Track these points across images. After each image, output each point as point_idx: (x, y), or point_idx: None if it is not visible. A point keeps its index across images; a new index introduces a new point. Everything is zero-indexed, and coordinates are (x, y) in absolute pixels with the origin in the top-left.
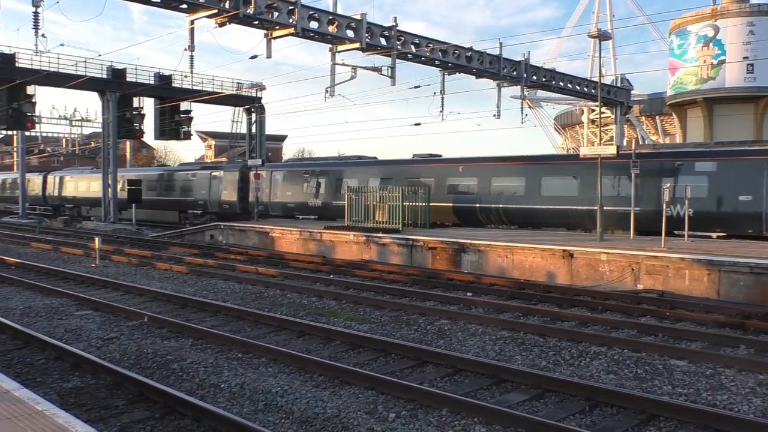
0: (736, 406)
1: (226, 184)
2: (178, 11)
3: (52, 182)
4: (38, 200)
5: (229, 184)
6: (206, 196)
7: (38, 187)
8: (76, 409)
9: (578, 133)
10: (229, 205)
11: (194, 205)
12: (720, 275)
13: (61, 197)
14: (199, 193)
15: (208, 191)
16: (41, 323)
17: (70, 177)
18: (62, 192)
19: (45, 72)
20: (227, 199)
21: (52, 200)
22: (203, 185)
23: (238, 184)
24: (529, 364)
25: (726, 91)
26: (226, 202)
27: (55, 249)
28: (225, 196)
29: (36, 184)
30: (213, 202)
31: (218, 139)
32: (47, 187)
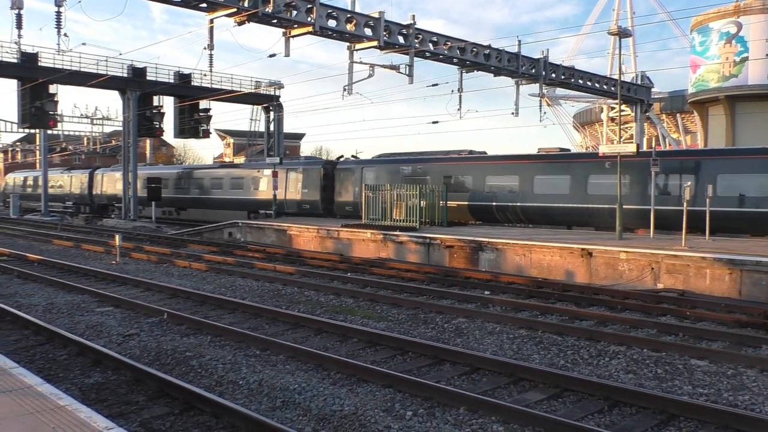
0: (758, 407)
1: (306, 183)
2: (198, 10)
3: (99, 180)
4: (83, 199)
5: (311, 182)
6: (282, 195)
7: (82, 186)
8: (97, 404)
9: (597, 131)
10: (309, 205)
11: (266, 204)
12: (742, 274)
13: (110, 196)
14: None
15: (285, 190)
16: (63, 319)
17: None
18: (112, 190)
19: (67, 71)
20: (307, 198)
21: (99, 199)
22: (277, 183)
23: (321, 182)
24: (548, 363)
25: (748, 89)
26: (306, 201)
27: (77, 246)
28: (305, 195)
29: (81, 182)
30: (290, 202)
31: (237, 137)
32: (94, 185)
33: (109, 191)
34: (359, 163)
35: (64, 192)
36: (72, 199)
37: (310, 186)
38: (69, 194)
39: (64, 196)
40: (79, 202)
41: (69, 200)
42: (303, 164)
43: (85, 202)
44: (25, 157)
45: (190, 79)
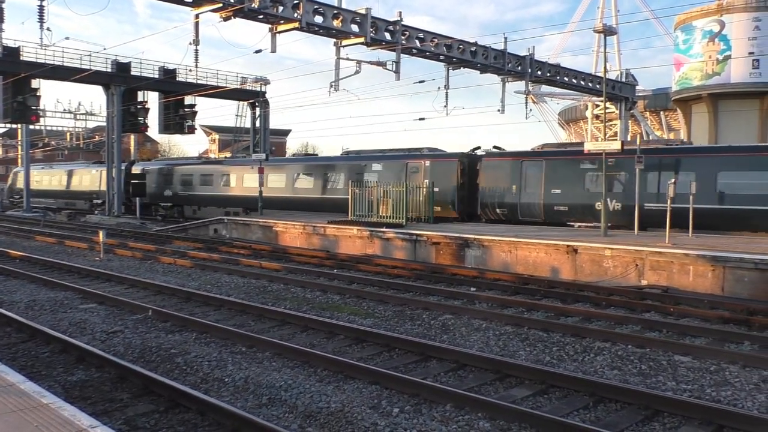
0: (740, 402)
1: (436, 179)
2: (184, 5)
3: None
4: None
5: (443, 178)
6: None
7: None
8: (80, 402)
9: (582, 128)
10: (441, 207)
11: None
12: (725, 271)
13: (153, 194)
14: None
15: (422, 185)
16: (46, 316)
17: (162, 167)
18: (157, 187)
19: (50, 65)
20: (438, 199)
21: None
22: (393, 179)
23: (459, 178)
24: (533, 359)
25: (731, 87)
26: (436, 200)
27: (60, 243)
28: (434, 194)
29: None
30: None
31: (222, 134)
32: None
33: (152, 188)
34: (518, 155)
35: (91, 188)
36: (102, 196)
37: (442, 183)
38: (97, 191)
39: (91, 194)
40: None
41: (97, 198)
42: (429, 156)
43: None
44: (6, 152)
45: (175, 75)
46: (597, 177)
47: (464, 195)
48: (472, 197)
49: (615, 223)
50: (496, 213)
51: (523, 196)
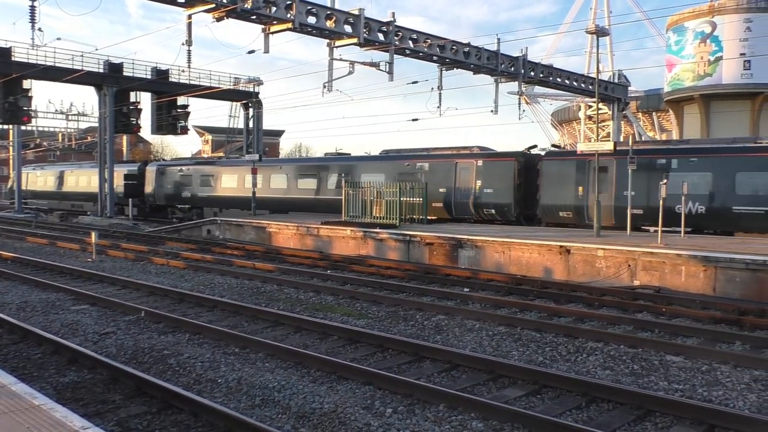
0: (732, 402)
1: (489, 179)
2: (176, 6)
3: (154, 175)
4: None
5: (498, 178)
6: (448, 195)
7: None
8: (72, 403)
9: (575, 129)
10: (495, 209)
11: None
12: (716, 271)
13: (171, 195)
14: (437, 190)
15: (453, 187)
16: (38, 318)
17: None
18: (175, 188)
19: (42, 66)
20: (492, 200)
21: (158, 199)
22: (441, 179)
23: (515, 179)
24: (526, 359)
25: (723, 88)
26: (489, 204)
27: (51, 243)
28: (488, 197)
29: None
30: (461, 204)
31: (215, 134)
32: (147, 183)
33: (168, 189)
34: (585, 153)
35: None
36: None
37: (496, 184)
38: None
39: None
40: (121, 203)
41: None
42: (482, 155)
43: (133, 201)
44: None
45: (167, 75)
46: (680, 177)
47: (521, 197)
48: (530, 199)
49: (698, 228)
50: (560, 216)
51: (591, 197)
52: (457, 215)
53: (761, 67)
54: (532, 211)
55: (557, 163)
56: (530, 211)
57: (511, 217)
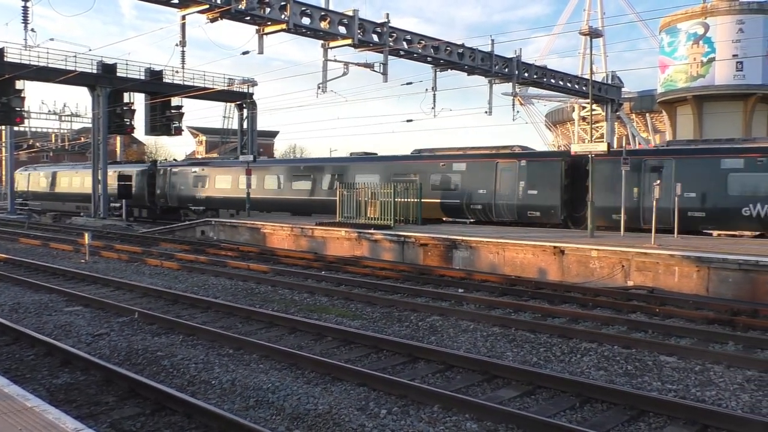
0: (725, 402)
1: (534, 180)
2: (170, 6)
3: (167, 176)
4: (138, 199)
5: (543, 179)
6: (488, 197)
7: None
8: (65, 405)
9: (569, 130)
10: (540, 211)
11: (462, 209)
12: (709, 272)
13: (184, 197)
14: (477, 192)
15: (494, 189)
16: (30, 319)
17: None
18: (188, 189)
19: (35, 67)
20: (537, 203)
21: (170, 200)
22: (479, 180)
23: (562, 180)
24: (521, 360)
25: (715, 89)
26: (533, 206)
27: (44, 245)
28: (532, 198)
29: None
30: (502, 206)
31: (209, 135)
32: (158, 183)
33: (181, 190)
34: (640, 153)
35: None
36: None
37: (541, 185)
38: None
39: None
40: (131, 205)
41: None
42: (526, 155)
43: (142, 203)
44: None
45: (161, 76)
46: (744, 179)
47: (569, 199)
48: (578, 202)
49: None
50: (612, 219)
51: (647, 199)
52: (498, 218)
53: (753, 68)
54: (580, 214)
55: (609, 162)
56: (578, 213)
57: (557, 220)
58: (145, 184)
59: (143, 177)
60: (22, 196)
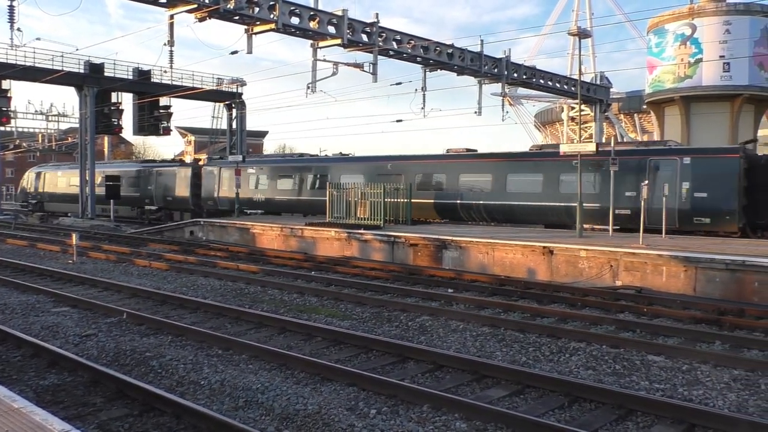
0: (712, 401)
1: (696, 180)
2: (158, 6)
3: (216, 176)
4: (181, 202)
5: (709, 179)
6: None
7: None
8: (53, 406)
9: (558, 130)
10: (711, 216)
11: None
12: (696, 272)
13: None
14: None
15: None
16: (17, 320)
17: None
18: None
19: (21, 66)
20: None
21: (219, 202)
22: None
23: (740, 179)
24: (510, 359)
25: (703, 90)
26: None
27: (31, 245)
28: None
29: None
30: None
31: (198, 135)
32: (205, 184)
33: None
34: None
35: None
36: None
37: (710, 187)
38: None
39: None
40: (171, 206)
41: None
42: (691, 151)
43: (185, 206)
44: None
45: (149, 76)
46: None
47: (748, 202)
48: (761, 205)
49: None
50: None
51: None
52: (651, 224)
53: (740, 69)
54: (764, 221)
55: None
56: (762, 220)
57: (733, 228)
58: (188, 184)
59: (185, 177)
60: (34, 198)
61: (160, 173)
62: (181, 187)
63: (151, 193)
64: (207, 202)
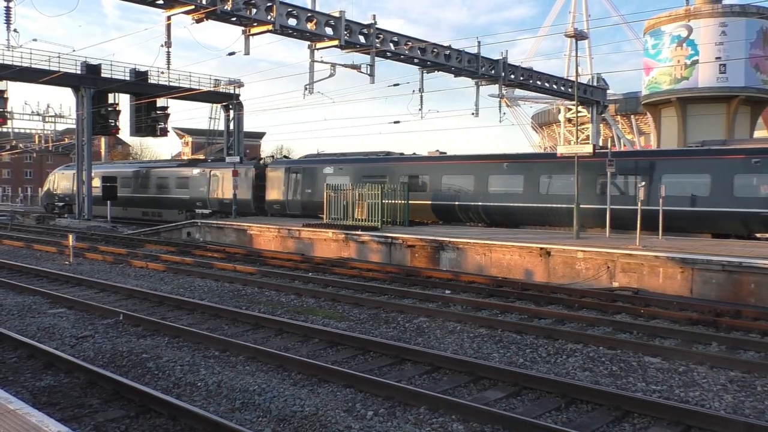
0: (708, 403)
1: None
2: (155, 7)
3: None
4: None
5: None
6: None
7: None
8: (49, 408)
9: (555, 131)
10: None
11: None
12: (693, 273)
13: (305, 202)
14: None
15: None
16: (13, 321)
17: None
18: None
19: (17, 67)
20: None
21: (292, 207)
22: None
23: None
24: (507, 361)
25: (699, 91)
26: None
27: (28, 246)
28: None
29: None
30: None
31: (195, 136)
32: (272, 186)
33: (312, 195)
34: None
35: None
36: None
37: None
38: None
39: (193, 201)
40: (228, 210)
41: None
42: None
43: (245, 209)
44: None
45: (146, 77)
46: None
47: None
48: None
49: None
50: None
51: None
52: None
53: (736, 71)
54: None
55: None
56: None
57: None
58: (250, 186)
59: (247, 178)
60: (62, 200)
61: (214, 174)
62: (241, 189)
63: (204, 195)
64: (273, 206)
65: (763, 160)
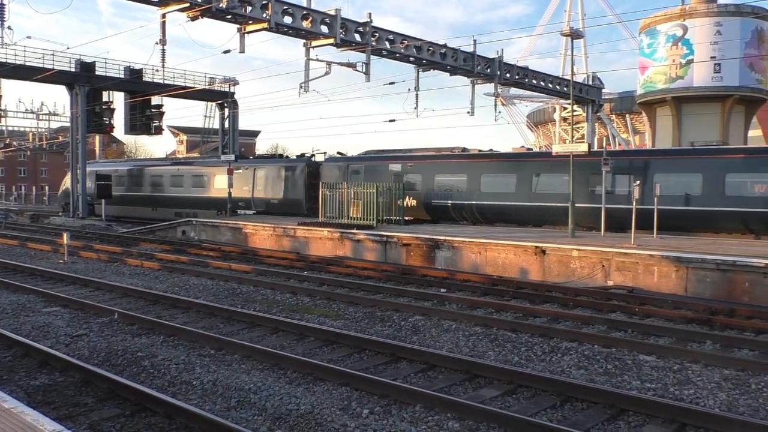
0: (702, 401)
1: None
2: (150, 5)
3: (334, 176)
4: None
5: None
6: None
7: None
8: (44, 406)
9: (550, 130)
10: None
11: None
12: (687, 272)
13: None
14: None
15: None
16: (7, 320)
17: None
18: None
19: (11, 65)
20: None
21: None
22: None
23: None
24: (502, 359)
25: (694, 91)
26: None
27: (22, 245)
28: None
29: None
30: None
31: (190, 134)
32: None
33: None
34: None
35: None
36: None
37: None
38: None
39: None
40: (275, 210)
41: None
42: None
43: (297, 210)
44: None
45: (141, 75)
46: None
47: None
48: None
49: None
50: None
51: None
52: None
53: (731, 70)
54: None
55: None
56: None
57: None
58: (301, 185)
59: (296, 175)
60: None
61: (259, 171)
62: (292, 188)
63: (248, 194)
64: None
65: None
